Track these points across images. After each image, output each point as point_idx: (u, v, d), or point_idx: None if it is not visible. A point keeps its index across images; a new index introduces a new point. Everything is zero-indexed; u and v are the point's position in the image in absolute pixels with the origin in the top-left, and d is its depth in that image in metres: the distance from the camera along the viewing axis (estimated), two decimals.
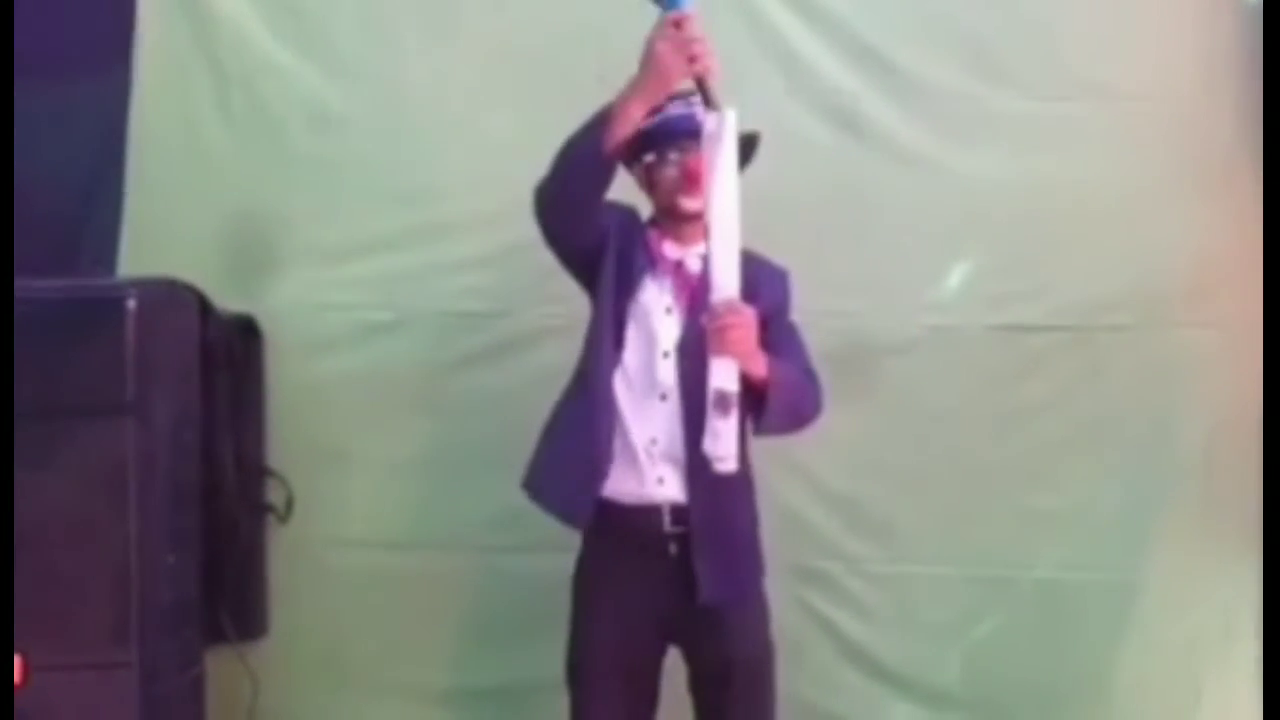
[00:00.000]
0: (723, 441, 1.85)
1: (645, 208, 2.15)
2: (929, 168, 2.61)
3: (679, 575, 2.00)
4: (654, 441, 2.01)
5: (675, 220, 2.08)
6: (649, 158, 2.06)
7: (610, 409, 2.01)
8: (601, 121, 1.90)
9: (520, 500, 2.15)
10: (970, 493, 2.59)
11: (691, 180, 2.00)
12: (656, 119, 2.03)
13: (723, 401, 1.85)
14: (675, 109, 2.03)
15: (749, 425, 2.01)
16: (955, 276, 2.61)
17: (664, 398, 2.02)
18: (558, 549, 2.14)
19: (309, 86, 2.70)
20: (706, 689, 2.07)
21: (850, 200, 2.59)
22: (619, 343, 2.04)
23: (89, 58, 2.74)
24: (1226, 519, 2.52)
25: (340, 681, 2.67)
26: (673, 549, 2.01)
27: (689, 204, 2.03)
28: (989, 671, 2.59)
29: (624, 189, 2.11)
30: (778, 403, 1.96)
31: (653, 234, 2.10)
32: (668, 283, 2.06)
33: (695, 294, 2.03)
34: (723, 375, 1.86)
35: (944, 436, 2.59)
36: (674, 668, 2.10)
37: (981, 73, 2.61)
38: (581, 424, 2.03)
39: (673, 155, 2.04)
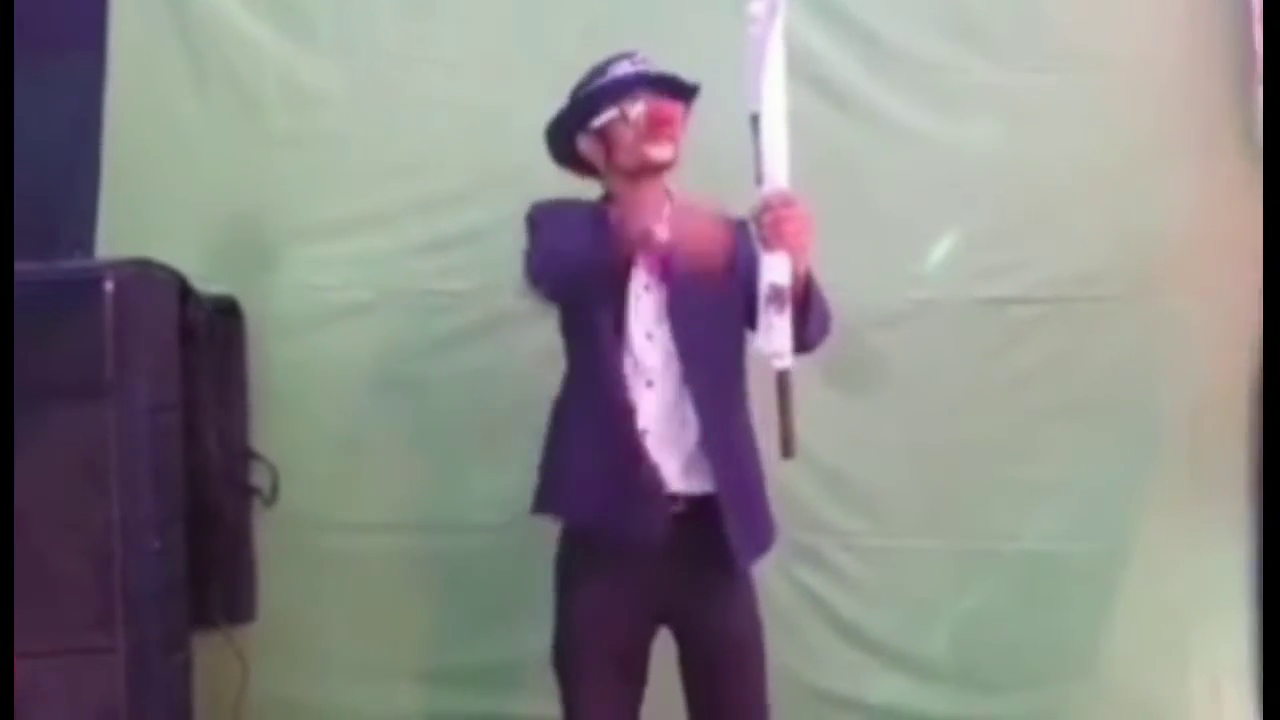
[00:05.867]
0: (777, 336, 1.80)
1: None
2: (914, 140, 2.60)
3: (670, 556, 1.97)
4: (645, 432, 1.97)
5: (638, 181, 2.00)
6: (607, 116, 1.98)
7: (631, 412, 1.95)
8: (600, 231, 1.88)
9: (506, 479, 2.14)
10: (957, 466, 2.58)
11: (658, 125, 1.95)
12: (605, 79, 1.99)
13: (778, 296, 1.80)
14: (622, 67, 1.99)
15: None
16: (941, 249, 2.61)
17: (650, 384, 1.98)
18: (544, 527, 2.13)
19: (285, 63, 2.67)
20: (698, 667, 2.05)
21: (834, 173, 2.57)
22: (619, 329, 1.97)
23: (62, 38, 2.71)
24: (1213, 488, 2.53)
25: (329, 663, 2.66)
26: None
27: (658, 152, 1.97)
28: (977, 644, 2.60)
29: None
30: (819, 303, 1.91)
31: (614, 214, 2.01)
32: (642, 259, 1.98)
33: (667, 262, 1.95)
34: (776, 269, 1.81)
35: (931, 410, 2.59)
36: (660, 644, 2.09)
37: (966, 44, 2.59)
38: (606, 434, 1.96)
39: (634, 108, 1.97)
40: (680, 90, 2.02)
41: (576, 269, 1.92)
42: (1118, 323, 2.56)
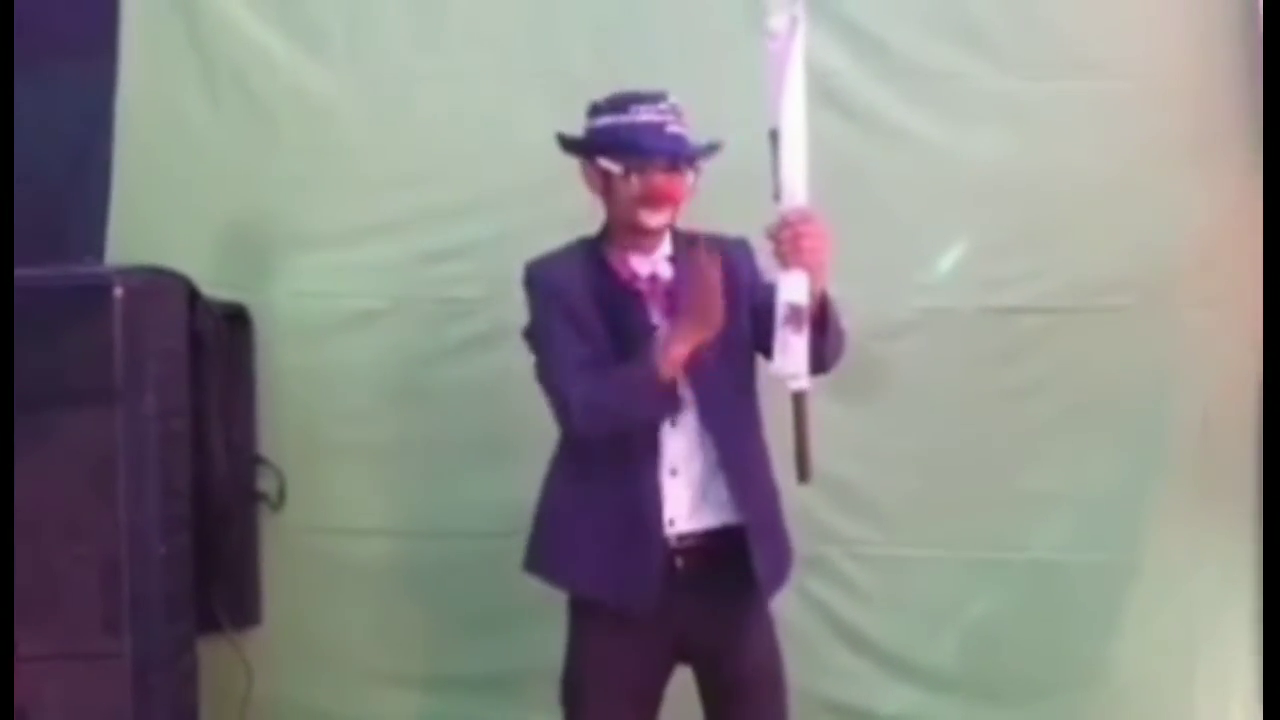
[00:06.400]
0: (793, 357, 1.79)
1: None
2: (921, 148, 2.59)
3: (685, 589, 1.95)
4: (674, 472, 1.96)
5: (635, 234, 2.00)
6: (611, 166, 1.96)
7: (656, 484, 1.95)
8: (650, 376, 1.86)
9: (513, 486, 2.14)
10: (965, 475, 2.58)
11: (656, 199, 1.94)
12: (623, 120, 1.95)
13: (795, 316, 1.78)
14: (643, 114, 1.94)
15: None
16: (949, 258, 2.60)
17: (673, 424, 1.96)
18: None
19: (296, 72, 2.68)
20: (719, 704, 2.04)
21: (842, 182, 2.54)
22: None
23: (74, 45, 2.73)
24: (1221, 498, 2.52)
25: (334, 669, 2.66)
26: (679, 563, 1.96)
27: (651, 220, 1.96)
28: (985, 653, 2.59)
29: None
30: (836, 321, 1.90)
31: (614, 257, 2.01)
32: (650, 300, 1.99)
33: (673, 299, 1.97)
34: (793, 288, 1.79)
35: (938, 419, 2.58)
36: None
37: (974, 52, 2.59)
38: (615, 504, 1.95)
39: (635, 175, 1.94)
40: (692, 160, 2.00)
41: (618, 425, 1.92)
42: (1126, 332, 2.55)
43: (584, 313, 1.97)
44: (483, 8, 2.67)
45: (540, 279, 2.03)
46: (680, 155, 1.96)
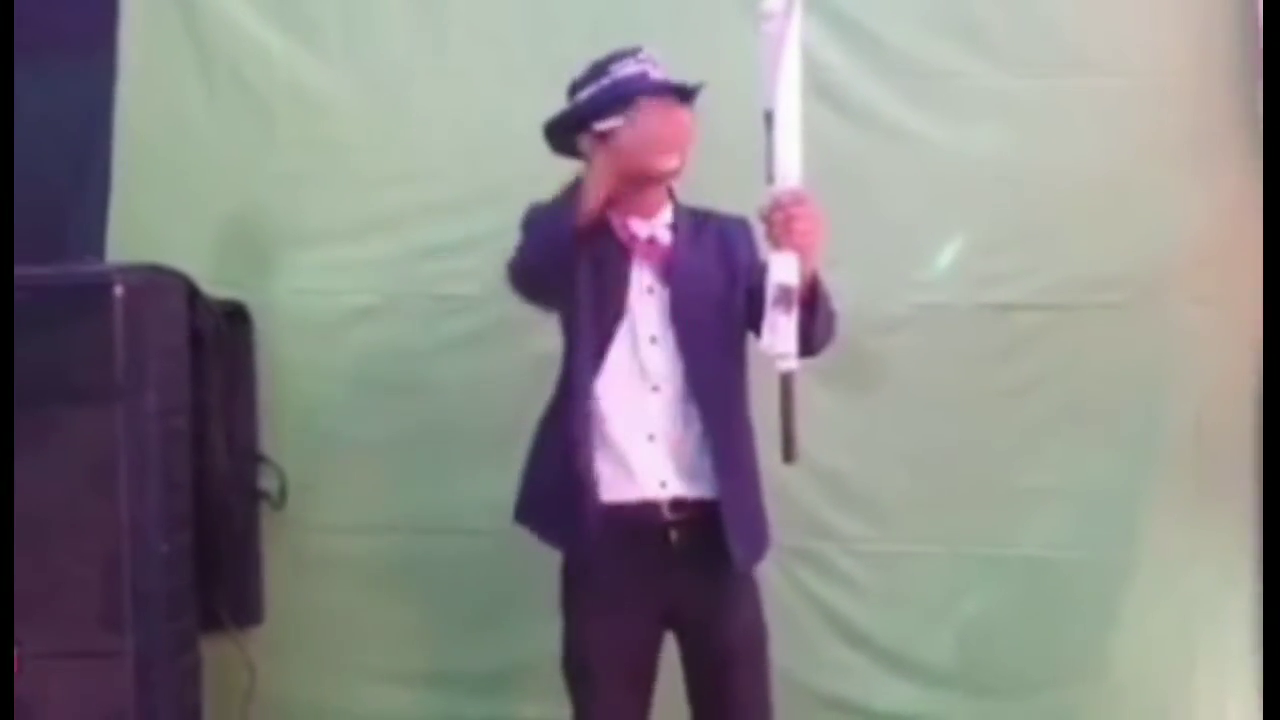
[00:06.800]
0: (782, 337, 1.79)
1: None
2: (918, 144, 2.59)
3: (677, 561, 1.98)
4: (652, 438, 1.97)
5: (641, 186, 1.99)
6: (609, 124, 1.94)
7: (590, 430, 1.97)
8: (568, 200, 1.85)
9: (512, 482, 2.15)
10: (960, 471, 2.58)
11: (665, 137, 1.93)
12: (606, 81, 1.97)
13: (785, 296, 1.78)
14: (625, 68, 1.97)
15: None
16: (945, 255, 2.60)
17: (656, 389, 1.98)
18: None
19: (295, 69, 2.68)
20: (703, 670, 2.06)
21: (837, 177, 2.54)
22: (600, 351, 1.97)
23: (73, 41, 2.73)
24: (1217, 496, 2.52)
25: (337, 666, 2.67)
26: (673, 535, 1.98)
27: (666, 162, 1.94)
28: (980, 649, 2.59)
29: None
30: (826, 305, 1.91)
31: (615, 220, 2.00)
32: (644, 262, 2.00)
33: (670, 265, 1.99)
34: (784, 269, 1.79)
35: (934, 415, 2.58)
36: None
37: (971, 49, 2.59)
38: (565, 444, 1.99)
39: (639, 119, 1.93)
40: (684, 95, 2.00)
41: (541, 244, 1.92)
42: (1122, 329, 2.55)
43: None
44: (480, 2, 2.68)
45: (541, 205, 2.03)
46: (673, 89, 1.96)
